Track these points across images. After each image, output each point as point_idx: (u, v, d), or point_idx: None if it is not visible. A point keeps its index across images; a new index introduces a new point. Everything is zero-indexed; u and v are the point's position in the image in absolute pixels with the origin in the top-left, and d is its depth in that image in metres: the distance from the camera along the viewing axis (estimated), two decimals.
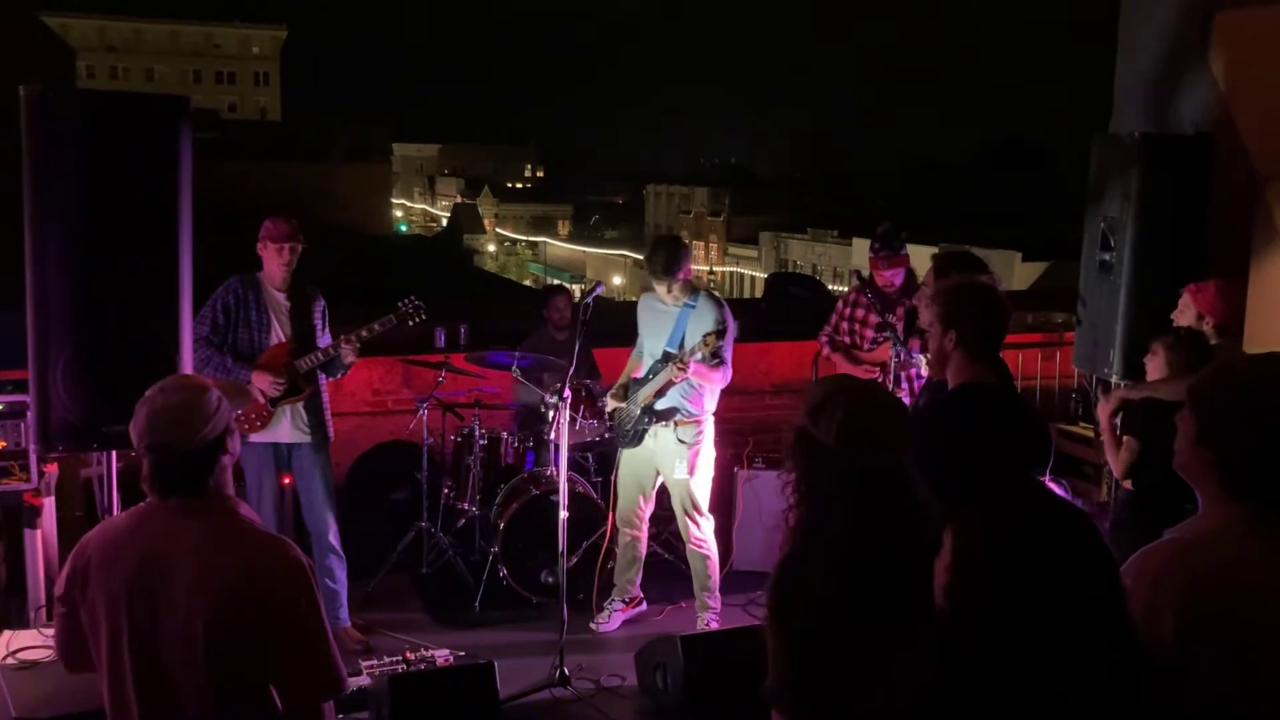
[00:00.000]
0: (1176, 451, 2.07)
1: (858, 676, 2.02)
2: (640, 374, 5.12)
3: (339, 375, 5.08)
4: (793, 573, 2.11)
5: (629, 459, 5.19)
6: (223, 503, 2.36)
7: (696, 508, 5.10)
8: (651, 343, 5.09)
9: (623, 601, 5.33)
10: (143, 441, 2.30)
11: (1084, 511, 1.82)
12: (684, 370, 4.80)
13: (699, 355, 4.80)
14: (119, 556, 2.31)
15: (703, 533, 5.14)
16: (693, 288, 5.04)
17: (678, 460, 5.03)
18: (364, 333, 4.87)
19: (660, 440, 5.05)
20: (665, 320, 5.02)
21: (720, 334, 4.80)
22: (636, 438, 5.10)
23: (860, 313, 5.59)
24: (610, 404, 5.29)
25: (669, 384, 4.94)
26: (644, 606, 5.43)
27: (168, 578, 2.26)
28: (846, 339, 5.66)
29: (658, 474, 5.20)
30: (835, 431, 2.07)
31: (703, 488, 5.12)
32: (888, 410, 2.16)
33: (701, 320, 4.92)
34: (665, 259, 4.88)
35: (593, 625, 5.23)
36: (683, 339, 4.95)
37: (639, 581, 5.37)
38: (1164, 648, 1.88)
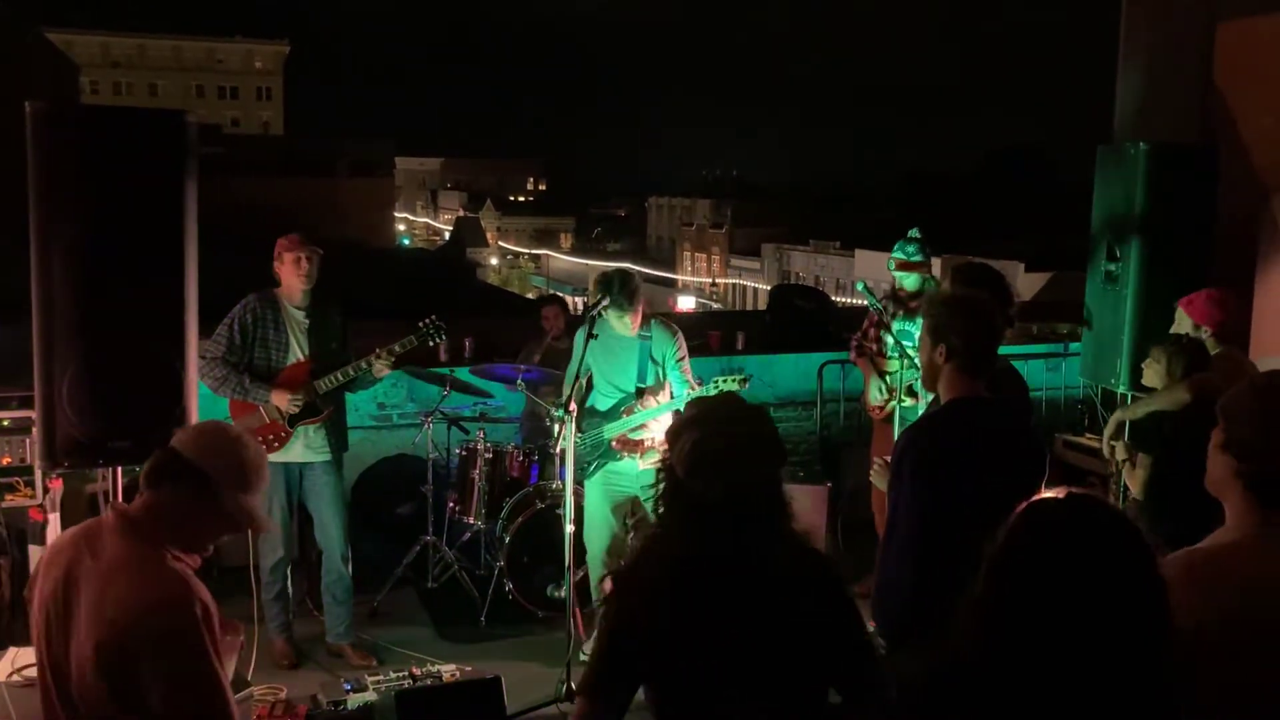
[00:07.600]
0: (1208, 461, 2.09)
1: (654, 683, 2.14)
2: (605, 407, 4.99)
3: (365, 388, 5.07)
4: (626, 579, 2.21)
5: (602, 491, 5.02)
6: (155, 534, 2.27)
7: None
8: (615, 376, 4.98)
9: None
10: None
11: (1120, 513, 1.80)
12: None
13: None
14: (53, 565, 2.33)
15: None
16: (645, 317, 4.98)
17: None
18: (393, 348, 4.79)
19: (632, 466, 4.95)
20: (626, 353, 4.94)
21: (749, 379, 4.81)
22: (595, 470, 5.00)
23: (887, 321, 5.64)
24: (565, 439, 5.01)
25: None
26: None
27: (79, 595, 2.25)
28: (874, 345, 5.74)
29: (633, 501, 5.08)
30: (683, 459, 2.11)
31: None
32: (740, 442, 2.14)
33: (660, 347, 4.91)
34: (631, 289, 4.79)
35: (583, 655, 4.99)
36: (646, 370, 4.91)
37: None
38: (1182, 650, 1.86)
